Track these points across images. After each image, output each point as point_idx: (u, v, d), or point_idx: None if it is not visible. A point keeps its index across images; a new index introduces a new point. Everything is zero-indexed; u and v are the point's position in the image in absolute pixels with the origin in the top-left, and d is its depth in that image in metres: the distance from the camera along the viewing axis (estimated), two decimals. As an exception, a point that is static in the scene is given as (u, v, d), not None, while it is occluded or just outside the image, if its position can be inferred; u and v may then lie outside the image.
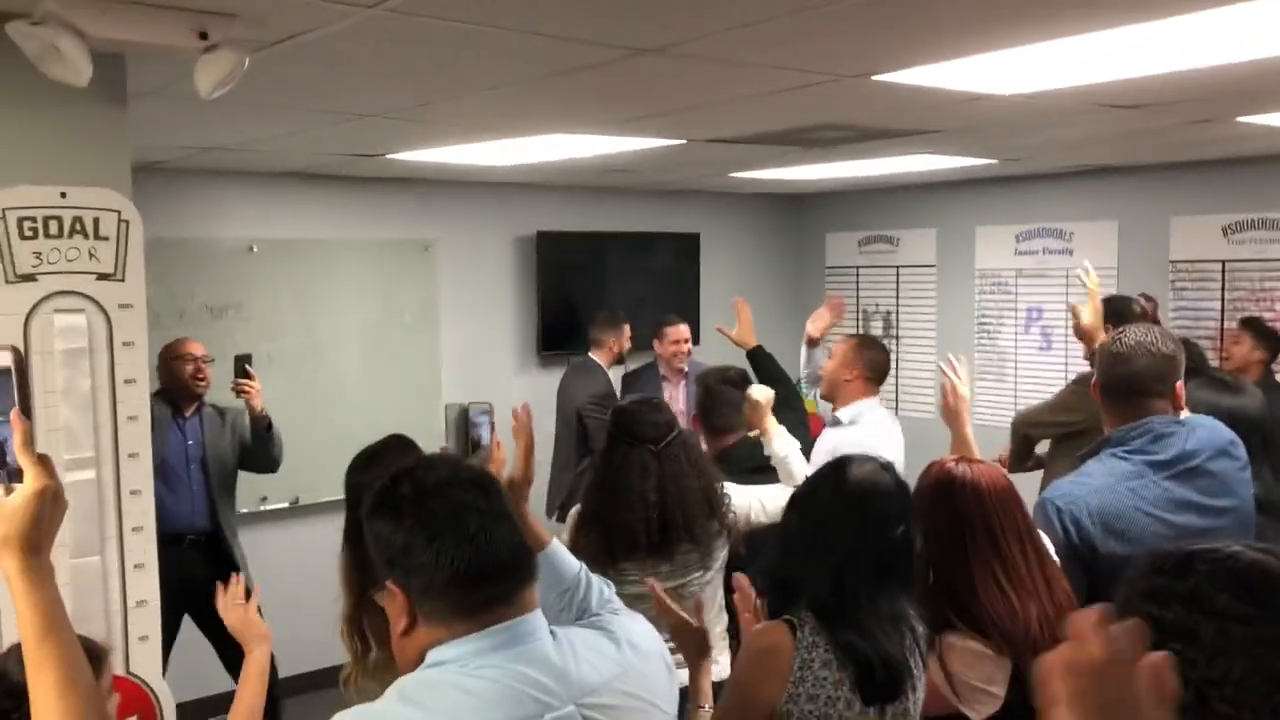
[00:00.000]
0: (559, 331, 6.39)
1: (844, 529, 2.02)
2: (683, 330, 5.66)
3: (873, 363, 4.04)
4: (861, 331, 6.91)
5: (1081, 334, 3.39)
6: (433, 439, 2.64)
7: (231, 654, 4.45)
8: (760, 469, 3.37)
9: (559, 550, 1.98)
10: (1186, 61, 2.87)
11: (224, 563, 4.38)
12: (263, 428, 4.43)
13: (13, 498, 1.29)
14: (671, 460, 2.98)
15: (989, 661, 2.10)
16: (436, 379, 5.92)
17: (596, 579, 1.94)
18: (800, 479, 3.18)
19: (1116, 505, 2.41)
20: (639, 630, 1.66)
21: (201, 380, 4.42)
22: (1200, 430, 2.53)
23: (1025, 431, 4.01)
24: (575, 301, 6.43)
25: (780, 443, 3.31)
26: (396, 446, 2.65)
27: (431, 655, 1.40)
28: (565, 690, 1.41)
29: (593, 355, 5.60)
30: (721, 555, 3.13)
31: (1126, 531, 2.39)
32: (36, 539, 1.28)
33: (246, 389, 4.40)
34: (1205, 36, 2.58)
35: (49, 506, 1.30)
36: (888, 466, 2.11)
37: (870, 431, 3.81)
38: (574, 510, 3.13)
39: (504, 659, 1.39)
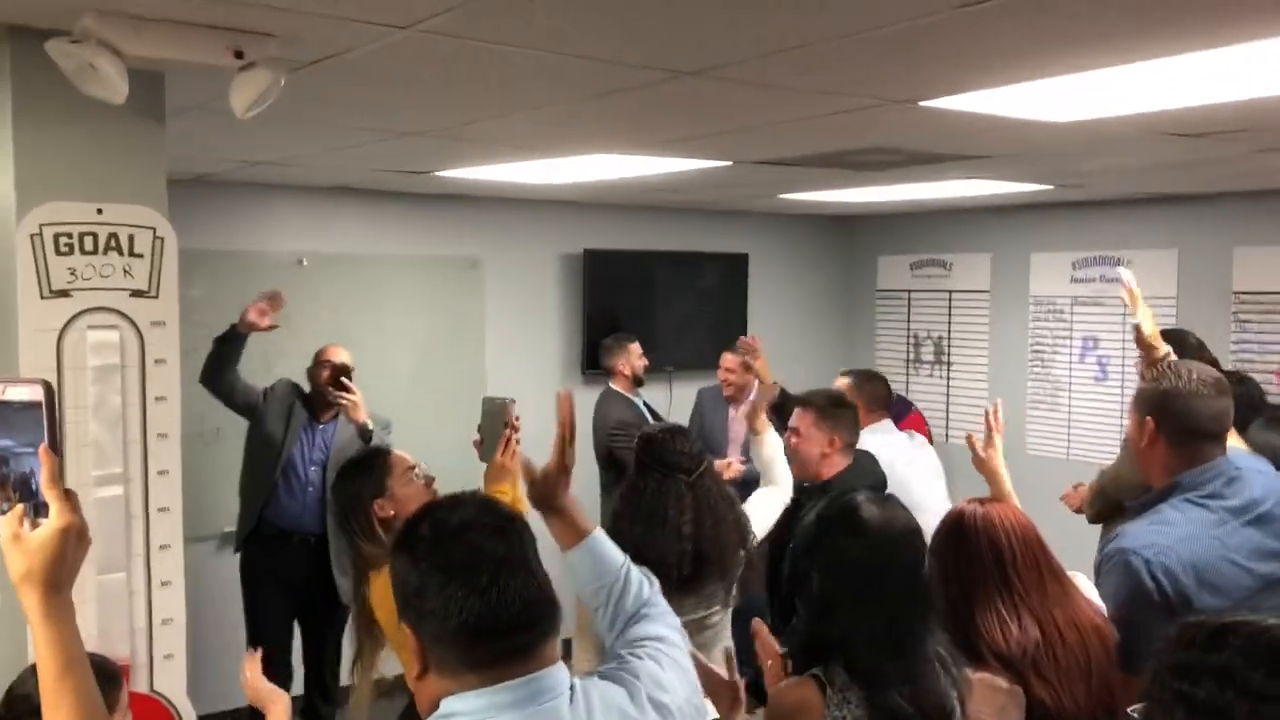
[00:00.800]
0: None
1: (882, 576, 1.99)
2: (728, 359, 5.61)
3: (873, 396, 4.29)
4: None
5: (1143, 344, 3.07)
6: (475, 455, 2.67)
7: (317, 660, 4.63)
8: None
9: (601, 540, 1.81)
10: (1252, 90, 2.76)
11: (326, 566, 4.45)
12: (363, 440, 4.42)
13: (37, 533, 1.28)
14: (705, 491, 2.93)
15: (1002, 694, 2.05)
16: (480, 394, 5.90)
17: (637, 574, 1.80)
18: (782, 484, 3.38)
19: (1207, 555, 2.27)
20: (667, 678, 1.56)
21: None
22: (1255, 475, 2.41)
23: (1117, 496, 3.82)
24: (622, 320, 6.38)
25: (771, 444, 3.41)
26: (361, 459, 2.94)
27: (444, 705, 1.35)
28: None
29: (611, 385, 5.61)
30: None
31: (1217, 583, 2.26)
32: (58, 576, 1.27)
33: (343, 400, 4.43)
34: (1272, 64, 2.48)
35: (73, 544, 1.28)
36: (892, 500, 2.09)
37: None
38: None
39: (517, 718, 1.33)
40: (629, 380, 5.56)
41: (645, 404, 5.64)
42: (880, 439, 4.09)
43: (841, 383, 4.32)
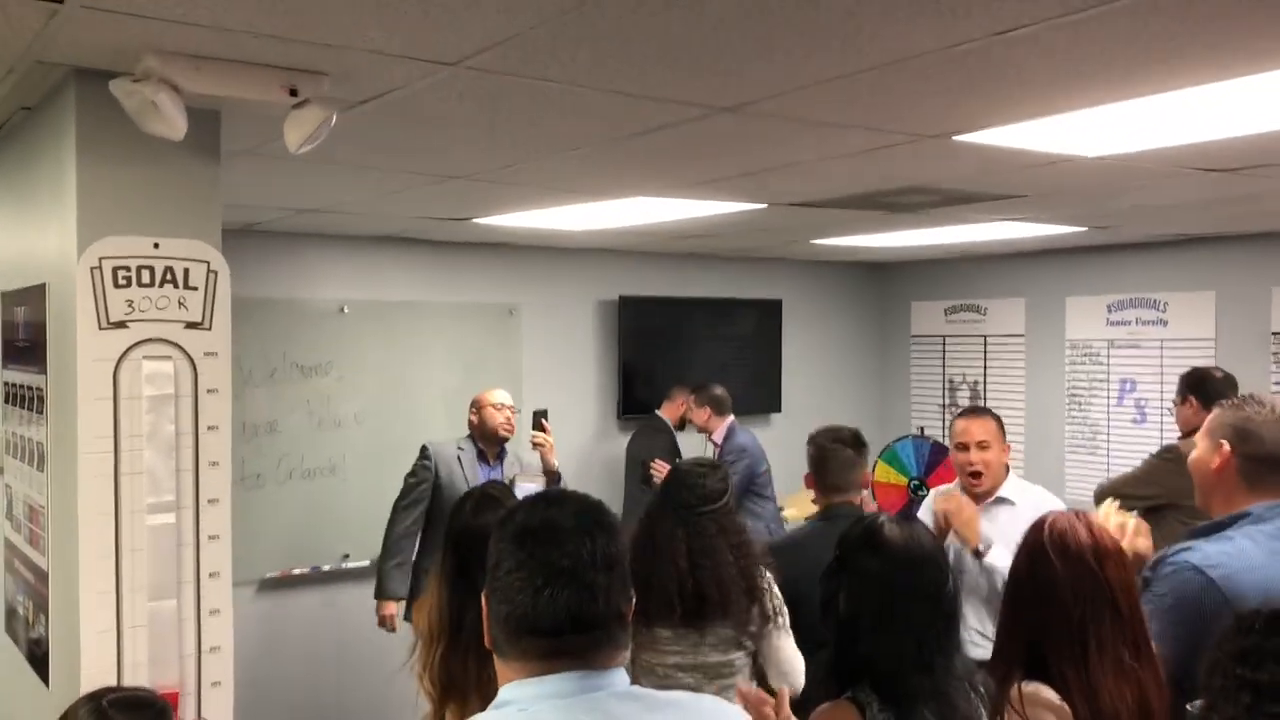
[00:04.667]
0: (640, 396, 6.41)
1: (906, 594, 1.99)
2: None
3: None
4: (965, 405, 6.97)
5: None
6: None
7: None
8: None
9: None
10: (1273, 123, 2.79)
11: None
12: (554, 482, 4.55)
13: None
14: (701, 529, 2.94)
15: (1051, 711, 2.03)
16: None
17: None
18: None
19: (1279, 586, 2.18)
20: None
21: (510, 428, 4.70)
22: None
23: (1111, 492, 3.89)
24: (656, 366, 6.45)
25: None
26: (488, 495, 2.84)
27: (501, 694, 1.41)
28: None
29: (659, 412, 6.09)
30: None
31: None
32: None
33: (542, 442, 4.62)
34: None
35: None
36: (914, 520, 2.10)
37: (1038, 500, 3.66)
38: None
39: (563, 705, 1.37)
40: (677, 418, 6.10)
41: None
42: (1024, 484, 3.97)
43: (1000, 432, 3.86)
